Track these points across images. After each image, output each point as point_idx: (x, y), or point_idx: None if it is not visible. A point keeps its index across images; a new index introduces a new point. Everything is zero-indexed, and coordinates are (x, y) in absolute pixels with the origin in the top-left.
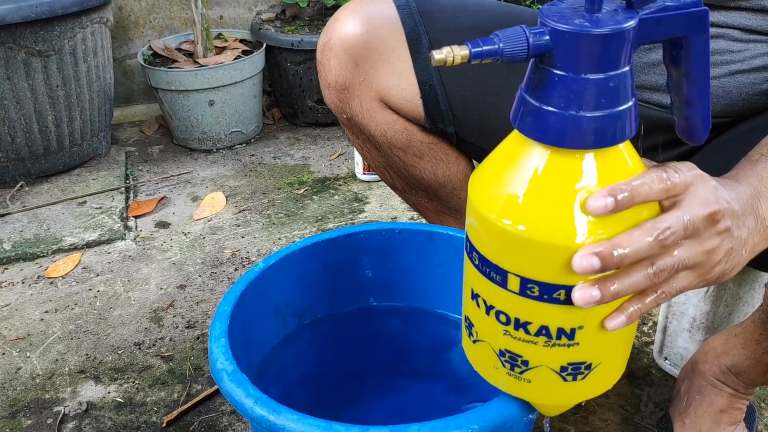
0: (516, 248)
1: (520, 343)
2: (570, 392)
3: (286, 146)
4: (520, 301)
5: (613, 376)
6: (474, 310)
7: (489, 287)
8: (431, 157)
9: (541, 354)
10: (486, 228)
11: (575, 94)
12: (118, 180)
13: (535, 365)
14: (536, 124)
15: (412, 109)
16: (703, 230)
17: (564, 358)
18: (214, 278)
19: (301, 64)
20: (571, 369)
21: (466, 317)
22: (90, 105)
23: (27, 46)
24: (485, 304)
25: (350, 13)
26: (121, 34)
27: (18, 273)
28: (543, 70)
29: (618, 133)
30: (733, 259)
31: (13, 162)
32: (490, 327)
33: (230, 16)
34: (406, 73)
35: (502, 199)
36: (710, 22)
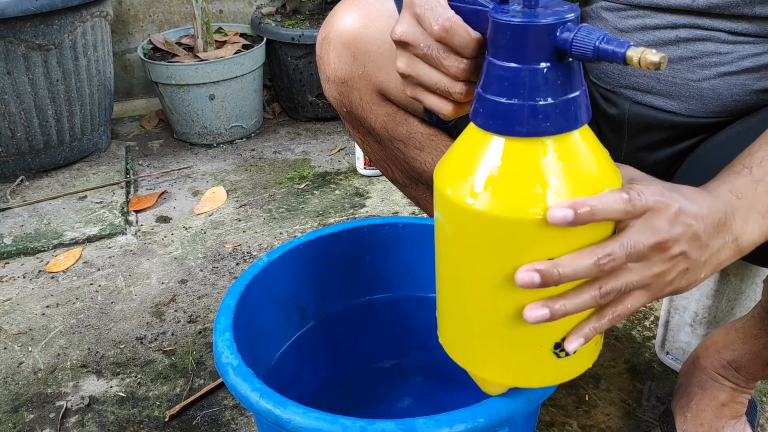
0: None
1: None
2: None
3: (287, 141)
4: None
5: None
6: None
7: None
8: (432, 149)
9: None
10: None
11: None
12: (119, 174)
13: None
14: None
15: (410, 102)
16: (652, 256)
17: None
18: (216, 273)
19: (302, 58)
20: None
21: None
22: (90, 99)
23: (27, 40)
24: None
25: (348, 7)
26: (120, 28)
27: (19, 267)
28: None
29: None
30: (689, 277)
31: (13, 156)
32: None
33: (230, 11)
34: None
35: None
36: (696, 24)
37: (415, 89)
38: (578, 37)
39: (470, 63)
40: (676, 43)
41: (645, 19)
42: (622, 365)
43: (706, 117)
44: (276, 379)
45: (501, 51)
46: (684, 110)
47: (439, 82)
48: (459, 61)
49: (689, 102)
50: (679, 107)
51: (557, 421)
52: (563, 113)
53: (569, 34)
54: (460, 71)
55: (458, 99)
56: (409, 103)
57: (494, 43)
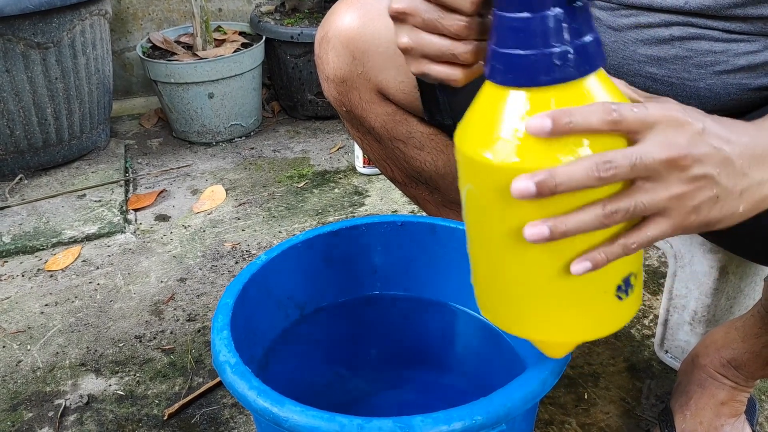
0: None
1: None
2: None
3: (286, 139)
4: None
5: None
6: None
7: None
8: (432, 149)
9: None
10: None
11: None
12: (118, 173)
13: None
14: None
15: (410, 101)
16: (667, 174)
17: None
18: (215, 271)
19: (301, 56)
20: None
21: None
22: (89, 98)
23: (26, 38)
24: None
25: (347, 6)
26: (119, 26)
27: (18, 266)
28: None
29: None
30: (722, 208)
31: (12, 155)
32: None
33: (229, 9)
34: (404, 66)
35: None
36: (690, 23)
37: (420, 63)
38: None
39: (471, 21)
40: (670, 42)
41: (638, 18)
42: (622, 364)
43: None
44: (274, 377)
45: (513, 2)
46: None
47: (442, 46)
48: (459, 18)
49: (686, 101)
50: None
51: (556, 419)
52: (580, 56)
53: None
54: (461, 29)
55: (465, 60)
56: (409, 103)
57: None
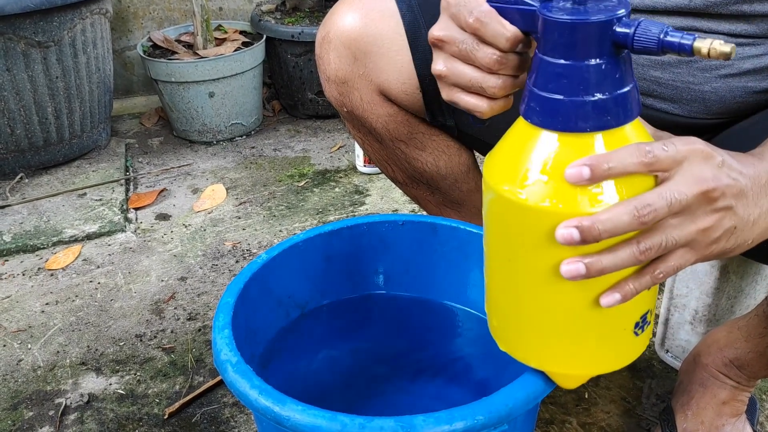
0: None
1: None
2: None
3: (287, 138)
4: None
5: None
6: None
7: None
8: (433, 149)
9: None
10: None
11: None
12: (118, 172)
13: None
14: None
15: (412, 102)
16: (696, 208)
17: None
18: (215, 270)
19: (302, 55)
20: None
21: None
22: (90, 97)
23: (26, 37)
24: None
25: (348, 7)
26: (120, 25)
27: (18, 265)
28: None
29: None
30: (737, 238)
31: (12, 154)
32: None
33: (230, 8)
34: (406, 67)
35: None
36: (695, 27)
37: (450, 90)
38: (640, 31)
39: (505, 56)
40: None
41: None
42: None
43: (709, 118)
44: (275, 377)
45: (557, 48)
46: (687, 113)
47: (472, 77)
48: (492, 52)
49: (691, 105)
50: (681, 110)
51: (557, 418)
52: (622, 106)
53: (628, 28)
54: (492, 62)
55: (492, 94)
56: (411, 104)
57: (548, 40)
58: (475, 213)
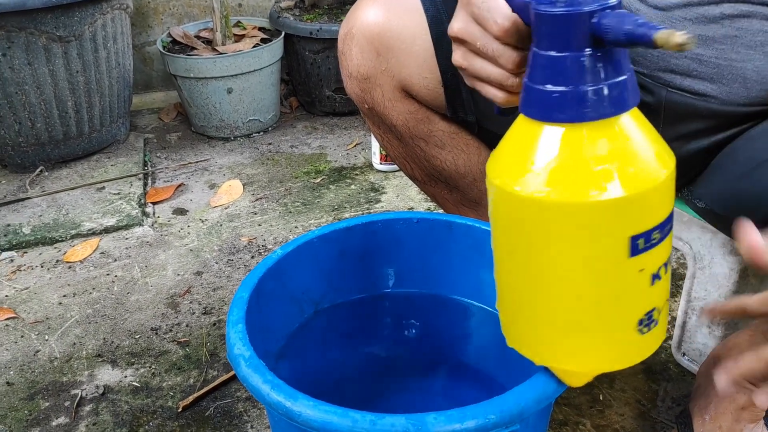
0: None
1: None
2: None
3: (304, 135)
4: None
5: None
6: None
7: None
8: (453, 147)
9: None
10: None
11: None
12: (137, 166)
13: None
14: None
15: (433, 98)
16: None
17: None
18: (231, 265)
19: (320, 52)
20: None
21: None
22: (109, 91)
23: (48, 31)
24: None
25: (371, 3)
26: (140, 21)
27: (37, 257)
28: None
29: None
30: None
31: (33, 147)
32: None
33: (249, 4)
34: (428, 62)
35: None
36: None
37: (472, 80)
38: (608, 23)
39: (523, 55)
40: (720, 21)
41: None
42: (638, 365)
43: (746, 105)
44: (288, 372)
45: (544, 40)
46: (725, 95)
47: (493, 74)
48: (515, 56)
49: (731, 85)
50: (720, 91)
51: (570, 420)
52: (618, 95)
53: (604, 20)
54: (515, 65)
55: (512, 90)
56: (432, 99)
57: (538, 33)
58: None
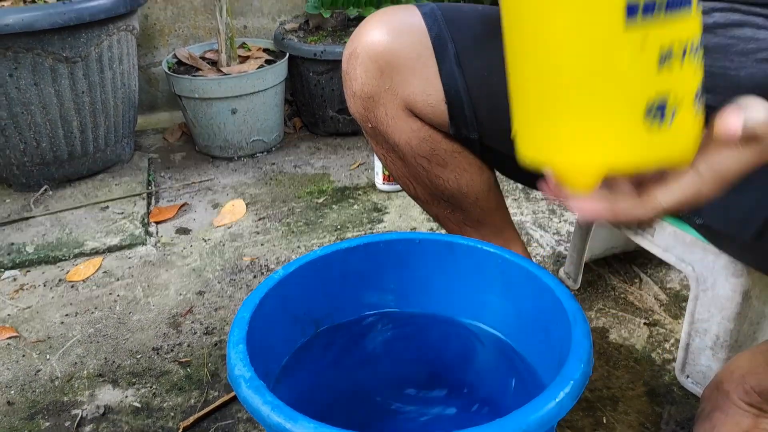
0: None
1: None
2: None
3: (307, 155)
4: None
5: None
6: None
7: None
8: (455, 167)
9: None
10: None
11: None
12: (141, 186)
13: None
14: None
15: (436, 116)
16: None
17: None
18: (233, 285)
19: (324, 73)
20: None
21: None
22: (114, 111)
23: (54, 52)
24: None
25: (376, 23)
26: (146, 42)
27: (40, 276)
28: None
29: None
30: None
31: (38, 166)
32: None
33: (254, 26)
34: (432, 80)
35: None
36: (734, 8)
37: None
38: None
39: None
40: (713, 30)
41: None
42: (641, 388)
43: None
44: (289, 393)
45: None
46: (720, 104)
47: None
48: None
49: (726, 94)
50: (714, 100)
51: None
52: None
53: None
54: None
55: None
56: (435, 117)
57: None
58: (494, 232)
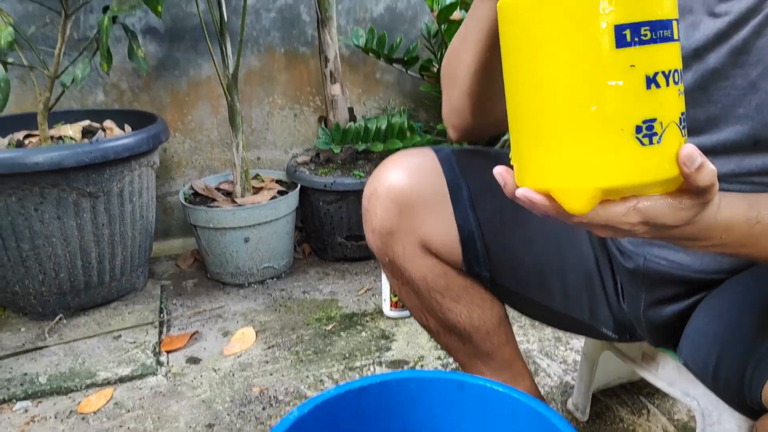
0: None
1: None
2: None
3: (315, 281)
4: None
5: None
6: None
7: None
8: (468, 301)
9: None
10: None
11: None
12: (153, 314)
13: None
14: None
15: (451, 254)
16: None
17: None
18: (242, 417)
19: (333, 203)
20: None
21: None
22: (132, 242)
23: (78, 188)
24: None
25: (395, 165)
26: (163, 173)
27: (51, 407)
28: None
29: None
30: None
31: (54, 296)
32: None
33: (267, 157)
34: (447, 221)
35: None
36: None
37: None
38: None
39: None
40: None
41: None
42: None
43: (717, 273)
44: None
45: None
46: (698, 265)
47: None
48: None
49: (704, 257)
50: (693, 261)
51: None
52: None
53: None
54: None
55: None
56: (449, 255)
57: None
58: (504, 366)
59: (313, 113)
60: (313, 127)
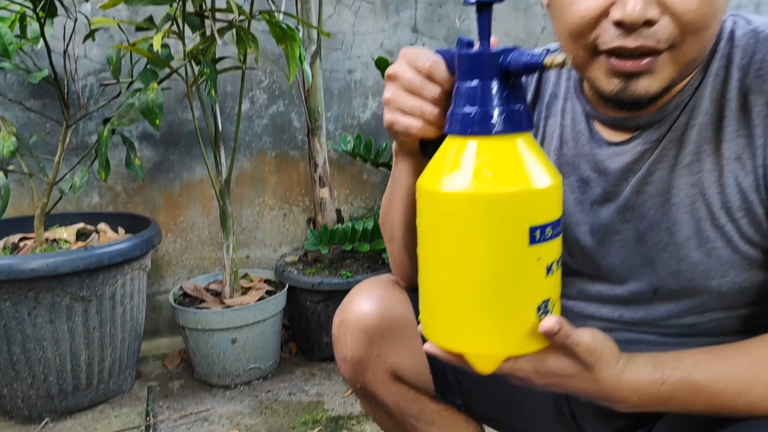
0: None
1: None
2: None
3: (302, 381)
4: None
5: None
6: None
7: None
8: (442, 424)
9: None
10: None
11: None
12: (139, 417)
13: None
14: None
15: (422, 382)
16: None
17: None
18: None
19: (320, 302)
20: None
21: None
22: (121, 345)
23: (72, 292)
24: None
25: (364, 296)
26: (154, 272)
27: None
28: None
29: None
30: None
31: (42, 399)
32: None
33: (256, 256)
34: (417, 350)
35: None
36: (628, 329)
37: (394, 113)
38: (512, 57)
39: (443, 92)
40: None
41: (585, 322)
42: None
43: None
44: None
45: (466, 74)
46: None
47: (415, 105)
48: (437, 89)
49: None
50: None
51: None
52: (512, 116)
53: (509, 57)
54: (437, 96)
55: (429, 119)
56: (421, 383)
57: (460, 68)
58: None
59: (302, 213)
60: (302, 226)
